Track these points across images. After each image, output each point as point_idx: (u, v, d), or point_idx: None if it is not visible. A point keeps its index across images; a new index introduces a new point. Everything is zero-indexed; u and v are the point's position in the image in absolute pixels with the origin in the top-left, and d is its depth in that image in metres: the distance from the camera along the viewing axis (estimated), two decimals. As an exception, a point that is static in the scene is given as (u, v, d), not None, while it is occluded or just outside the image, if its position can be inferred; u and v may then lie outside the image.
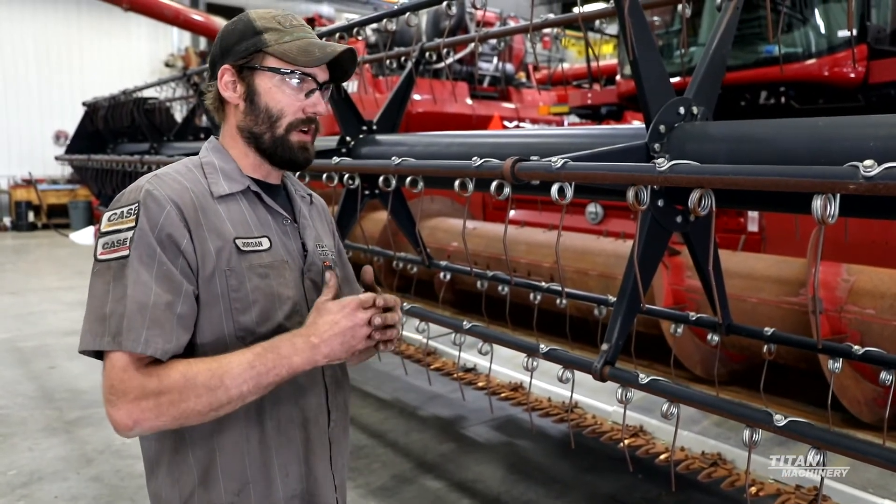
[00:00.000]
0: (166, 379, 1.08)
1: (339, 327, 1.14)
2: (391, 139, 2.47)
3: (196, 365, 1.10)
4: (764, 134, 1.43)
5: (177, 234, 1.14)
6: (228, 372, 1.09)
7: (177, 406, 1.07)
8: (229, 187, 1.24)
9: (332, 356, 1.15)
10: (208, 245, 1.16)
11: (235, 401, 1.10)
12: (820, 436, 1.21)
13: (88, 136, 6.29)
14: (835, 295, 2.41)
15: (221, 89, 1.26)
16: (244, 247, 1.20)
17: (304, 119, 1.26)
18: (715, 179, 1.02)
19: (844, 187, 0.87)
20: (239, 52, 1.24)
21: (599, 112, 5.79)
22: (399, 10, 2.18)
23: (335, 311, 1.16)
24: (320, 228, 1.41)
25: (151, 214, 1.13)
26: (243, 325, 1.18)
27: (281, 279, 1.23)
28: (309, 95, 1.26)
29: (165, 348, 1.10)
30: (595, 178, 1.21)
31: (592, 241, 3.37)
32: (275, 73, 1.23)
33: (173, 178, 1.21)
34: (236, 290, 1.18)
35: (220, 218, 1.20)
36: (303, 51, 1.23)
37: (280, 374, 1.12)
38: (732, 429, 2.59)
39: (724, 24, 1.69)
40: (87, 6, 15.09)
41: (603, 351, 1.51)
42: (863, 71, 3.59)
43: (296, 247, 1.30)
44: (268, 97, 1.24)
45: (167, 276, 1.12)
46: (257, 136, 1.26)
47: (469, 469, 3.66)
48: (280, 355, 1.12)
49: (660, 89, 1.55)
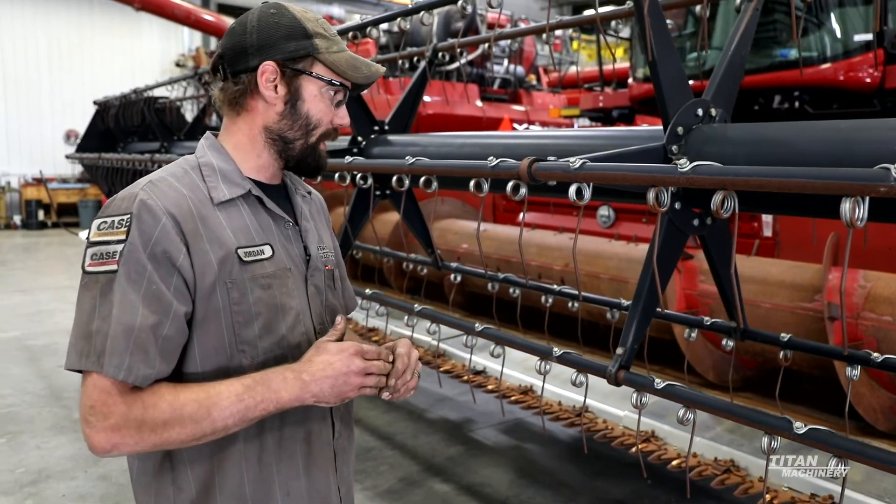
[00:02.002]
0: (151, 409, 1.04)
1: (332, 370, 1.11)
2: (403, 139, 2.45)
3: (184, 394, 1.06)
4: (784, 136, 1.41)
5: (172, 249, 1.08)
6: (217, 404, 1.06)
7: (159, 435, 1.04)
8: (230, 192, 1.18)
9: (321, 398, 1.11)
10: (209, 257, 1.11)
11: (219, 432, 1.08)
12: (840, 444, 1.19)
13: (99, 135, 6.31)
14: (851, 301, 2.37)
15: (261, 86, 1.18)
16: (246, 257, 1.15)
17: (332, 129, 1.26)
18: (739, 181, 1.00)
19: (875, 190, 0.85)
20: (287, 51, 1.18)
21: (611, 115, 5.76)
22: (413, 10, 2.17)
23: (333, 351, 1.12)
24: (320, 227, 1.37)
25: (145, 227, 1.07)
26: (245, 339, 1.15)
27: (284, 289, 1.19)
28: (339, 107, 1.26)
29: (147, 374, 1.05)
30: (614, 179, 1.19)
31: (604, 244, 3.35)
32: (325, 82, 1.21)
33: (170, 184, 1.14)
34: (238, 302, 1.13)
35: (220, 227, 1.14)
36: (351, 66, 1.22)
37: (267, 409, 1.09)
38: (746, 435, 2.56)
39: (743, 25, 1.66)
40: (98, 6, 15.19)
41: (618, 355, 1.49)
42: (879, 76, 3.56)
43: (298, 251, 1.25)
44: (311, 104, 1.21)
45: (156, 296, 1.06)
46: (289, 141, 1.22)
47: (477, 472, 3.63)
48: (269, 389, 1.09)
49: (678, 91, 1.53)
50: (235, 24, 1.23)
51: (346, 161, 1.99)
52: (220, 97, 1.23)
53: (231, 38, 1.21)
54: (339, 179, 2.04)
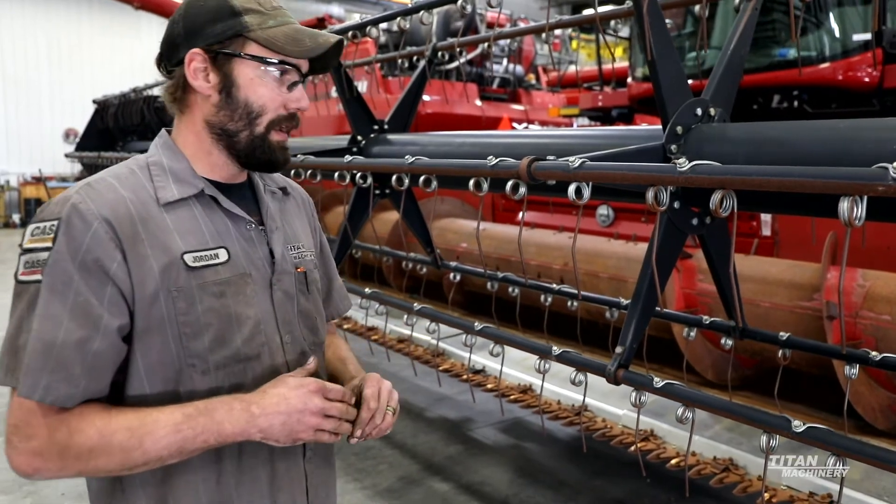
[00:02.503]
0: (78, 434, 0.96)
1: (286, 405, 1.01)
2: (403, 138, 2.46)
3: (116, 420, 0.97)
4: (783, 136, 1.41)
5: (105, 256, 0.98)
6: (151, 434, 0.97)
7: (84, 463, 0.96)
8: (179, 192, 1.08)
9: (269, 435, 1.01)
10: (150, 263, 1.01)
11: (153, 463, 0.99)
12: (839, 442, 1.19)
13: (98, 134, 6.33)
14: (850, 300, 2.38)
15: (189, 77, 1.08)
16: (195, 262, 1.04)
17: (285, 116, 1.12)
18: (737, 180, 1.01)
19: (873, 189, 0.85)
20: (213, 35, 1.06)
21: (610, 115, 5.77)
22: (413, 9, 2.17)
23: (290, 385, 1.03)
24: (298, 226, 1.26)
25: (74, 234, 0.98)
26: (194, 352, 1.04)
27: (240, 297, 1.08)
28: (291, 89, 1.11)
29: (70, 393, 0.96)
30: (614, 178, 1.19)
31: (603, 243, 3.35)
32: (259, 62, 1.07)
33: (108, 185, 1.04)
34: (185, 313, 1.03)
35: (166, 230, 1.04)
36: (291, 39, 1.08)
37: (207, 442, 0.99)
38: (744, 434, 2.56)
39: (742, 25, 1.67)
40: (98, 5, 15.19)
41: (617, 354, 1.49)
42: (877, 75, 3.56)
43: (262, 254, 1.14)
44: (248, 90, 1.08)
45: (83, 309, 0.97)
46: (232, 134, 1.10)
47: (477, 471, 3.64)
48: (212, 419, 0.99)
49: (677, 90, 1.53)
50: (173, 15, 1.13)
51: (346, 160, 1.99)
52: (165, 95, 1.14)
53: (166, 30, 1.12)
54: (338, 178, 2.05)
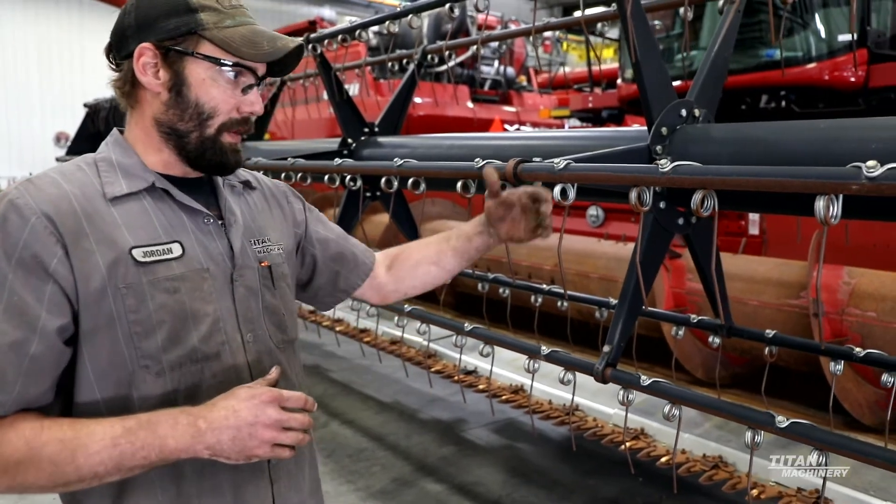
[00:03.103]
0: (5, 446, 0.90)
1: (236, 419, 0.93)
2: (393, 141, 2.47)
3: (49, 432, 0.91)
4: (766, 136, 1.43)
5: (44, 252, 0.93)
6: (84, 447, 0.90)
7: (12, 477, 0.90)
8: (128, 186, 1.03)
9: (218, 452, 0.93)
10: (95, 259, 0.96)
11: (88, 480, 0.91)
12: (822, 437, 1.21)
13: (89, 138, 6.31)
14: (836, 297, 2.41)
15: (138, 72, 1.02)
16: (145, 257, 0.99)
17: (238, 119, 1.07)
18: (717, 180, 1.03)
19: (847, 188, 0.87)
20: (165, 31, 1.01)
21: (600, 116, 5.80)
22: (402, 13, 2.19)
23: (242, 397, 0.95)
24: (265, 219, 1.20)
25: (11, 230, 0.93)
26: (146, 352, 0.98)
27: (197, 293, 1.02)
28: (246, 92, 1.06)
29: (1, 401, 0.91)
30: (597, 179, 1.21)
31: (593, 243, 3.38)
32: (213, 62, 1.02)
33: (51, 181, 1.00)
34: (135, 310, 0.97)
35: (112, 224, 0.99)
36: (248, 41, 1.03)
37: (148, 458, 0.92)
38: (734, 431, 2.59)
39: (725, 27, 1.69)
40: (88, 8, 15.13)
41: (604, 353, 1.51)
42: (863, 75, 3.60)
43: (222, 248, 1.08)
44: (199, 90, 1.03)
45: (18, 309, 0.92)
46: (182, 134, 1.05)
47: (470, 472, 3.65)
48: (154, 434, 0.92)
49: (662, 92, 1.55)
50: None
51: (335, 163, 2.00)
52: (113, 89, 1.09)
53: (117, 19, 1.07)
54: (328, 181, 2.06)
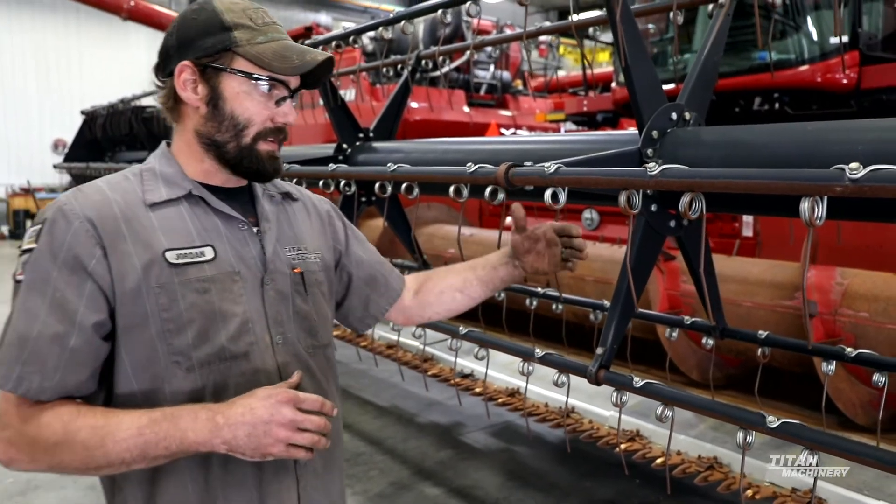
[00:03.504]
0: (45, 428, 0.98)
1: (252, 416, 0.98)
2: (388, 146, 2.48)
3: (83, 419, 0.99)
4: (755, 138, 1.45)
5: (84, 253, 1.02)
6: (112, 434, 0.97)
7: (51, 457, 0.99)
8: (167, 193, 1.11)
9: (234, 447, 0.98)
10: (132, 261, 1.03)
11: (116, 466, 0.99)
12: (813, 437, 1.22)
13: (87, 145, 6.33)
14: (829, 298, 2.42)
15: (178, 88, 1.11)
16: (178, 259, 1.06)
17: (273, 129, 1.14)
18: (705, 183, 1.04)
19: (831, 189, 0.88)
20: (203, 49, 1.09)
21: (595, 119, 5.82)
22: (394, 19, 2.20)
23: (259, 396, 1.00)
24: (303, 229, 1.26)
25: (56, 233, 1.02)
26: (177, 349, 1.05)
27: (227, 294, 1.09)
28: (280, 104, 1.13)
29: (43, 386, 0.99)
30: (587, 182, 1.22)
31: (588, 246, 3.38)
32: (246, 77, 1.10)
33: (97, 188, 1.09)
34: (167, 308, 1.04)
35: (150, 229, 1.07)
36: (279, 55, 1.10)
37: (169, 448, 0.98)
38: (729, 432, 2.60)
39: (715, 30, 1.70)
40: (85, 15, 15.13)
41: (598, 355, 1.52)
42: (855, 77, 3.63)
43: (255, 254, 1.15)
44: (234, 103, 1.10)
45: (60, 305, 1.00)
46: (220, 144, 1.12)
47: (467, 475, 3.66)
48: (176, 426, 0.98)
49: (652, 95, 1.56)
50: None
51: (330, 168, 2.01)
52: (160, 105, 1.17)
53: (162, 41, 1.15)
54: (323, 187, 2.07)
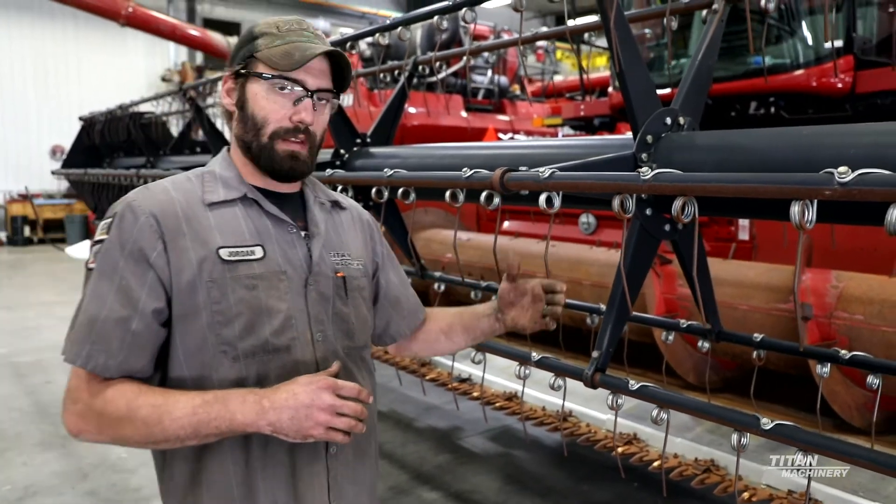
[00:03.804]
0: (110, 404, 1.08)
1: (295, 401, 1.05)
2: (385, 151, 2.49)
3: (144, 397, 1.08)
4: (749, 143, 1.46)
5: (147, 245, 1.11)
6: (170, 413, 1.06)
7: (115, 430, 1.08)
8: (225, 195, 1.20)
9: (278, 429, 1.06)
10: (189, 255, 1.12)
11: (172, 441, 1.08)
12: (806, 439, 1.23)
13: (85, 151, 6.33)
14: (824, 301, 2.43)
15: (221, 97, 1.24)
16: (230, 256, 1.14)
17: (290, 128, 1.19)
18: (697, 187, 1.05)
19: (820, 193, 0.90)
20: (237, 59, 1.21)
21: (592, 123, 5.84)
22: (391, 25, 2.22)
23: (301, 382, 1.07)
24: (349, 237, 1.34)
25: (125, 226, 1.12)
26: (225, 339, 1.13)
27: (273, 291, 1.16)
28: (297, 103, 1.19)
29: (107, 364, 1.08)
30: (581, 187, 1.23)
31: (585, 251, 3.40)
32: (258, 77, 1.18)
33: (163, 188, 1.18)
34: (218, 301, 1.12)
35: (207, 227, 1.15)
36: (285, 54, 1.17)
37: (220, 428, 1.06)
38: (725, 435, 2.60)
39: (709, 36, 1.72)
40: (84, 21, 15.16)
41: (594, 358, 1.53)
42: (850, 81, 3.64)
43: (301, 256, 1.22)
44: (254, 104, 1.19)
45: (125, 291, 1.10)
46: (247, 144, 1.21)
47: (466, 480, 3.66)
48: (226, 408, 1.06)
49: (646, 100, 1.57)
50: None
51: (327, 174, 2.02)
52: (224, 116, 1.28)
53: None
54: (321, 191, 2.08)
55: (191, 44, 12.42)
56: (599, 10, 1.52)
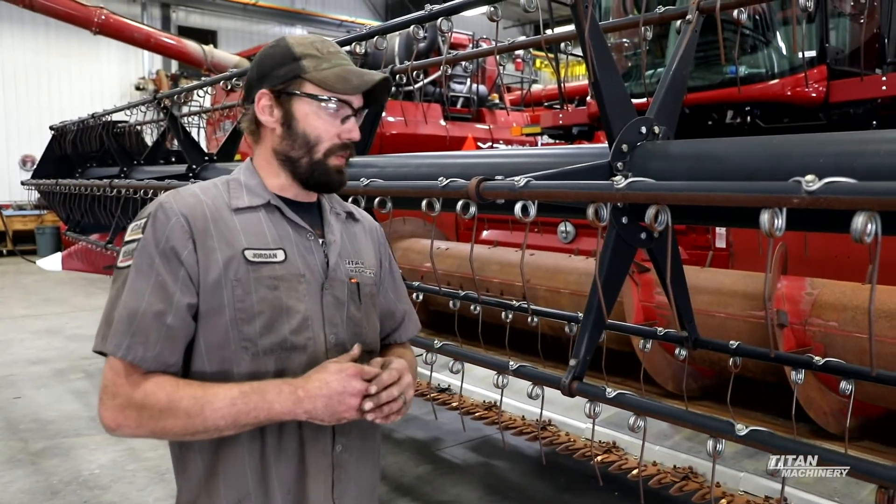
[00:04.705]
0: (151, 396, 1.12)
1: (328, 389, 1.14)
2: (362, 161, 2.48)
3: (183, 389, 1.13)
4: (722, 151, 1.47)
5: (179, 244, 1.17)
6: (211, 404, 1.12)
7: (155, 422, 1.12)
8: (249, 201, 1.27)
9: (314, 415, 1.15)
10: (216, 255, 1.19)
11: (211, 431, 1.13)
12: (780, 444, 1.23)
13: (56, 161, 6.20)
14: (799, 308, 2.46)
15: (258, 113, 1.28)
16: (254, 258, 1.21)
17: (340, 145, 1.29)
18: (669, 196, 1.05)
19: (789, 201, 0.90)
20: (277, 78, 1.26)
21: (571, 132, 5.87)
22: (368, 34, 2.21)
23: (332, 371, 1.16)
24: (361, 246, 1.41)
25: (158, 226, 1.18)
26: (246, 336, 1.19)
27: (293, 292, 1.23)
28: (345, 121, 1.28)
29: (145, 356, 1.13)
30: (556, 195, 1.23)
31: (564, 259, 3.41)
32: (313, 99, 1.25)
33: (192, 192, 1.25)
34: (241, 300, 1.19)
35: (233, 229, 1.22)
36: (341, 78, 1.25)
37: (258, 418, 1.14)
38: (703, 442, 2.59)
39: (683, 46, 1.74)
40: (55, 29, 14.97)
41: (571, 367, 1.53)
42: (823, 91, 3.71)
43: (318, 261, 1.29)
44: (305, 123, 1.26)
45: (161, 287, 1.15)
46: (294, 160, 1.28)
47: (445, 491, 3.64)
48: (264, 399, 1.13)
49: (621, 109, 1.58)
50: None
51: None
52: (244, 128, 1.34)
53: (246, 76, 1.34)
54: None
55: (165, 52, 12.28)
56: (574, 20, 1.52)
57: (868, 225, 0.86)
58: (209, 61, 11.75)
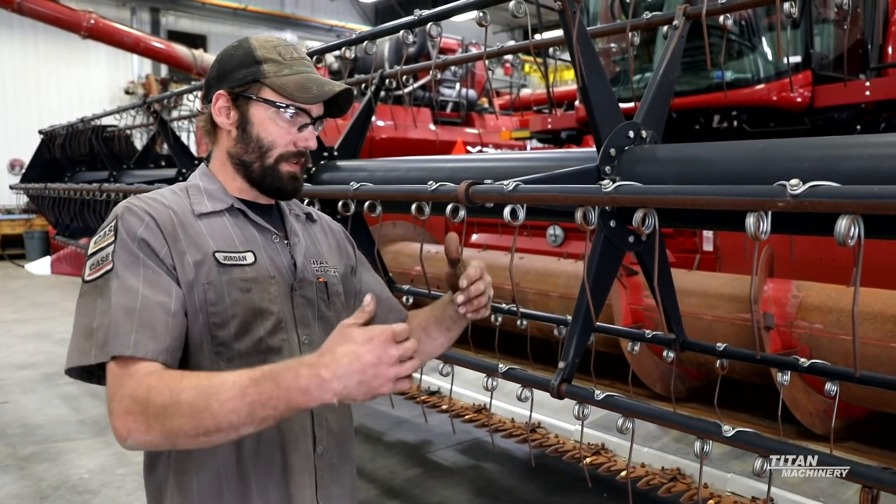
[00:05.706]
0: (155, 391, 1.00)
1: (360, 363, 0.94)
2: (352, 165, 2.49)
3: (186, 380, 1.00)
4: (709, 156, 1.49)
5: (155, 243, 1.13)
6: (217, 394, 0.96)
7: (162, 422, 0.98)
8: (212, 206, 1.24)
9: (346, 396, 0.95)
10: (187, 259, 1.15)
11: (226, 430, 0.98)
12: (766, 445, 1.25)
13: (45, 165, 6.18)
14: (785, 311, 2.49)
15: (214, 114, 1.25)
16: (225, 260, 1.18)
17: (295, 152, 1.26)
18: (656, 199, 1.07)
19: (773, 205, 0.92)
20: (236, 80, 1.23)
21: (559, 136, 5.90)
22: (358, 39, 2.22)
23: (360, 340, 0.95)
24: (323, 246, 1.40)
25: (130, 225, 1.13)
26: (220, 340, 1.16)
27: (265, 294, 1.21)
28: (302, 129, 1.26)
29: (156, 348, 1.06)
30: (545, 199, 1.25)
31: (553, 262, 3.43)
32: (270, 105, 1.23)
33: (153, 197, 1.22)
34: (214, 303, 1.16)
35: (200, 233, 1.19)
36: (300, 86, 1.22)
37: (277, 409, 0.96)
38: (691, 444, 2.62)
39: (670, 51, 1.76)
40: (44, 33, 14.89)
41: (560, 369, 1.54)
42: (808, 96, 3.75)
43: (286, 262, 1.27)
44: (260, 128, 1.23)
45: (155, 279, 1.11)
46: (247, 164, 1.25)
47: (436, 494, 3.64)
48: (279, 386, 0.95)
49: (609, 114, 1.60)
50: None
51: (294, 187, 2.01)
52: (202, 128, 1.31)
53: (206, 75, 1.31)
54: (287, 205, 2.06)
55: (155, 56, 12.27)
56: (562, 25, 1.54)
57: (851, 228, 0.88)
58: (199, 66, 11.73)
